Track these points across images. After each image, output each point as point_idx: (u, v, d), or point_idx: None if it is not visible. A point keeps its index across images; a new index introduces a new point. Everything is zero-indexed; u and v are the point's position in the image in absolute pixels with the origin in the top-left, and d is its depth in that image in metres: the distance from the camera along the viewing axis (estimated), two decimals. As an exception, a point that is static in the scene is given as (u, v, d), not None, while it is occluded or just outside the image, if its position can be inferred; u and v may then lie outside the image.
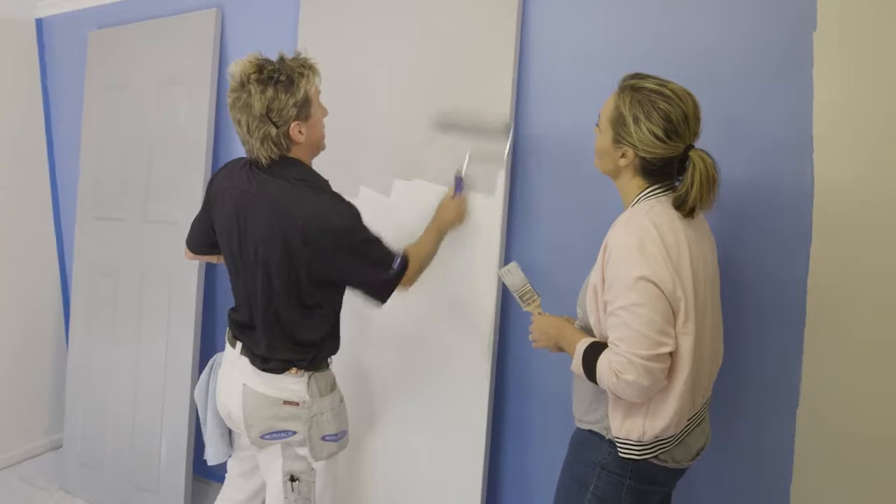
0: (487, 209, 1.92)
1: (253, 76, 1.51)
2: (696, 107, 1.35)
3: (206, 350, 2.63)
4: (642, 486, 1.41)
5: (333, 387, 1.74)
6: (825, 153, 1.55)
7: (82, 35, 2.93)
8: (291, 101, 1.53)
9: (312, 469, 1.70)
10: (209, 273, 2.64)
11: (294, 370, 1.65)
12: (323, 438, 1.68)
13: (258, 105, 1.51)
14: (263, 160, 1.59)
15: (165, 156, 2.64)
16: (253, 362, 1.67)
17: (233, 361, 1.72)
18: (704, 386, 1.44)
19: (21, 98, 3.09)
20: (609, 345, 1.33)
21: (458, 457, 2.00)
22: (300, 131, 1.57)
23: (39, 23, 3.13)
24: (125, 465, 2.72)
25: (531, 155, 1.93)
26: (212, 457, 1.86)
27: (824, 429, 1.62)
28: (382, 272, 1.60)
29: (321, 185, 1.63)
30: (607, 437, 1.42)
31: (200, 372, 2.14)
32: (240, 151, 2.54)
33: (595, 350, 1.36)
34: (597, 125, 1.46)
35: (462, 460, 1.99)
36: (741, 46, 1.63)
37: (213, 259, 1.90)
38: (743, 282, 1.68)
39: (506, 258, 1.95)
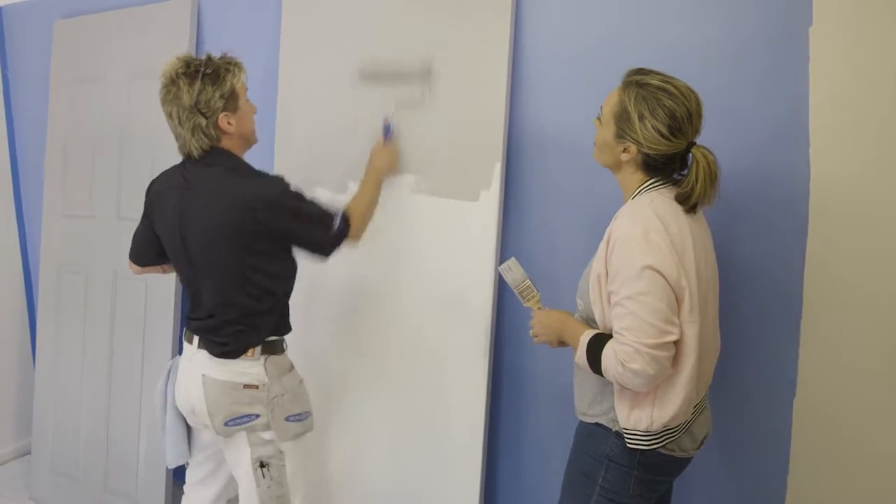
0: (484, 204, 1.89)
1: (181, 71, 1.63)
2: (698, 104, 1.36)
3: (185, 351, 2.55)
4: (650, 476, 1.42)
5: (291, 368, 1.80)
6: (822, 148, 1.57)
7: (47, 25, 2.81)
8: (218, 94, 1.63)
9: (281, 452, 1.74)
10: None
11: (250, 352, 1.71)
12: (286, 419, 1.74)
13: (187, 98, 1.62)
14: (195, 151, 1.67)
15: (138, 151, 2.54)
16: (211, 351, 1.72)
17: (190, 357, 1.76)
18: (707, 374, 1.46)
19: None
20: (614, 334, 1.33)
21: (455, 453, 1.98)
22: (229, 122, 1.67)
23: (0, 11, 2.98)
24: (101, 471, 2.62)
25: (526, 149, 1.92)
26: (171, 459, 1.88)
27: (820, 419, 1.64)
28: (323, 230, 1.69)
29: (251, 170, 1.72)
30: (614, 429, 1.42)
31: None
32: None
33: (599, 341, 1.36)
34: (598, 118, 1.45)
35: (460, 456, 1.97)
36: (736, 40, 1.64)
37: (159, 270, 1.92)
38: (739, 275, 1.70)
39: (502, 253, 1.93)
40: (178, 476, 2.59)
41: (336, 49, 2.12)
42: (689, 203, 1.35)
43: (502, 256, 1.92)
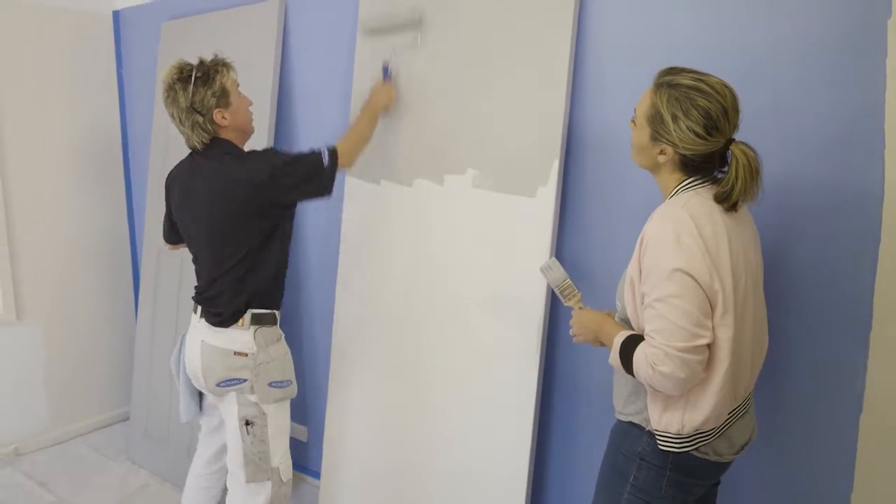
0: (540, 200, 1.90)
1: (176, 77, 1.85)
2: (734, 99, 1.32)
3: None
4: (683, 478, 1.40)
5: (279, 339, 1.98)
6: (897, 148, 1.47)
7: (156, 26, 3.05)
8: (210, 93, 1.83)
9: (264, 413, 1.94)
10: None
11: (241, 322, 1.91)
12: (269, 385, 1.93)
13: (183, 100, 1.83)
14: (198, 145, 1.90)
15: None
16: (209, 321, 1.94)
17: (195, 325, 2.00)
18: (747, 378, 1.41)
19: (98, 87, 3.24)
20: (645, 337, 1.32)
21: (505, 448, 2.00)
22: (223, 116, 1.87)
23: (116, 15, 3.27)
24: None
25: (585, 147, 1.90)
26: (183, 414, 2.11)
27: (890, 436, 1.53)
28: (317, 180, 1.90)
29: (243, 154, 1.92)
30: (647, 429, 1.41)
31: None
32: (300, 135, 2.60)
33: (632, 342, 1.35)
34: (632, 120, 1.43)
35: (509, 452, 1.99)
36: (807, 36, 1.56)
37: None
38: (804, 282, 1.62)
39: (556, 251, 1.93)
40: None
41: (410, 53, 2.18)
42: (729, 201, 1.32)
43: (557, 254, 1.92)
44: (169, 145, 2.95)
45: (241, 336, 1.91)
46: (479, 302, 2.03)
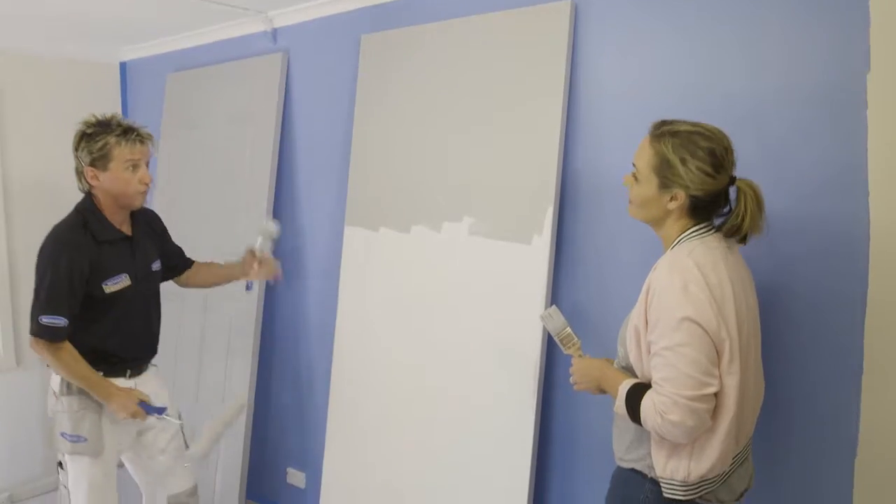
0: (534, 250, 1.94)
1: (81, 126, 1.96)
2: (729, 140, 1.40)
3: (263, 371, 2.72)
4: None
5: (78, 393, 1.96)
6: (881, 193, 1.51)
7: (161, 77, 3.13)
8: (87, 150, 1.92)
9: (65, 460, 1.99)
10: (268, 300, 2.74)
11: None
12: (61, 434, 1.96)
13: (73, 144, 1.95)
14: (80, 189, 2.01)
15: (232, 188, 2.78)
16: None
17: None
18: (748, 425, 1.43)
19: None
20: (653, 385, 1.33)
21: (504, 487, 1.99)
22: (94, 176, 1.94)
23: (123, 66, 3.37)
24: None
25: (580, 193, 1.95)
26: None
27: (885, 481, 1.54)
28: (33, 309, 1.91)
29: (68, 219, 1.97)
30: (649, 476, 1.41)
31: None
32: (299, 184, 2.66)
33: (638, 391, 1.36)
34: (632, 175, 1.45)
35: (508, 490, 1.98)
36: (793, 88, 1.62)
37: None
38: (795, 325, 1.64)
39: (552, 298, 1.95)
40: (251, 495, 2.73)
41: (407, 101, 2.25)
42: (740, 233, 1.38)
43: (553, 300, 1.95)
44: (174, 194, 3.01)
45: (55, 376, 1.99)
46: (476, 348, 2.05)
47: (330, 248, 2.54)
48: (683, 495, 1.36)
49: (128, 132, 1.94)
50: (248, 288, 2.55)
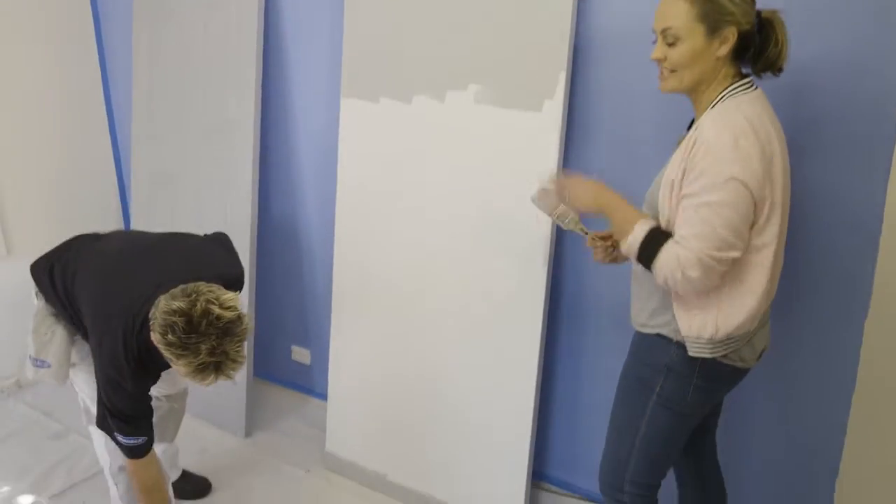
0: (545, 116, 1.85)
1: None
2: None
3: (263, 252, 2.69)
4: (709, 384, 1.43)
5: (43, 316, 1.99)
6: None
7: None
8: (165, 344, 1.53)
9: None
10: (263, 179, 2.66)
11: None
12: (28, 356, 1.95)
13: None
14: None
15: (215, 76, 2.62)
16: None
17: None
18: (776, 283, 1.43)
19: (74, 23, 3.09)
20: (677, 237, 1.31)
21: (510, 376, 2.03)
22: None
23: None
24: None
25: (594, 56, 1.84)
26: None
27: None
28: (102, 407, 1.75)
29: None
30: (675, 340, 1.42)
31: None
32: (293, 70, 2.50)
33: (658, 238, 1.33)
34: (663, 43, 1.35)
35: (515, 380, 2.03)
36: None
37: None
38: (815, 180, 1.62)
39: (565, 167, 1.90)
40: (258, 373, 2.78)
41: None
42: (778, 64, 1.35)
43: (565, 170, 1.89)
44: (153, 70, 2.85)
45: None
46: (484, 222, 2.01)
47: (325, 123, 2.44)
48: (710, 352, 1.38)
49: (204, 369, 1.51)
50: None
